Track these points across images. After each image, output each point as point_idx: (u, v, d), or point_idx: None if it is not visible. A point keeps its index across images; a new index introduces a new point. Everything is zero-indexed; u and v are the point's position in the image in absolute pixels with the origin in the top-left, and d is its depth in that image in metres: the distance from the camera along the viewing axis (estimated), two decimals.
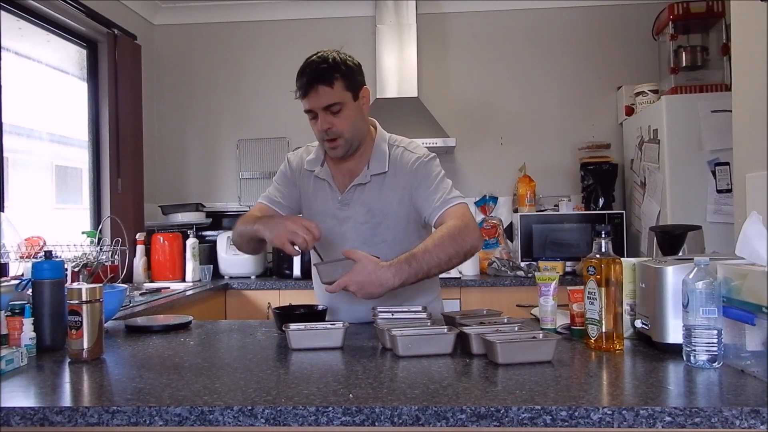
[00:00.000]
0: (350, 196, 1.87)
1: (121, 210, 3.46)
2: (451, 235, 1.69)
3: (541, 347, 1.36)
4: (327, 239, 1.83)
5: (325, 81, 1.72)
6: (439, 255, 1.67)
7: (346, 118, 1.76)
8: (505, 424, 1.05)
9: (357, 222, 1.86)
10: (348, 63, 1.78)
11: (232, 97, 4.21)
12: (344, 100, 1.75)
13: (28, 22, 3.14)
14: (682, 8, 3.31)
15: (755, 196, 1.89)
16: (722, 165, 3.09)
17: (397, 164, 1.86)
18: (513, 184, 3.99)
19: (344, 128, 1.77)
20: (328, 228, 1.85)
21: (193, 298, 3.07)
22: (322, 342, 1.52)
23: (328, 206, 1.89)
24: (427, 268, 1.65)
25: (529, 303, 3.00)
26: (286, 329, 1.54)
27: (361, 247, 1.73)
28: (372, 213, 1.85)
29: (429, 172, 1.84)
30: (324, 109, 1.74)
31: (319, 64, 1.73)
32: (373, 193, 1.85)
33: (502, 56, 4.09)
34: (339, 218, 1.88)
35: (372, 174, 1.85)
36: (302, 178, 1.95)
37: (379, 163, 1.85)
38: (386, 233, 1.85)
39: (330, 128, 1.76)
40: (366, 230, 1.86)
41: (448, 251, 1.68)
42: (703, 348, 1.27)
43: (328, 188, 1.90)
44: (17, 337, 1.49)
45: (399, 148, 1.89)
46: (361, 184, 1.86)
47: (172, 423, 1.08)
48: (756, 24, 1.90)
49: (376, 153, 1.87)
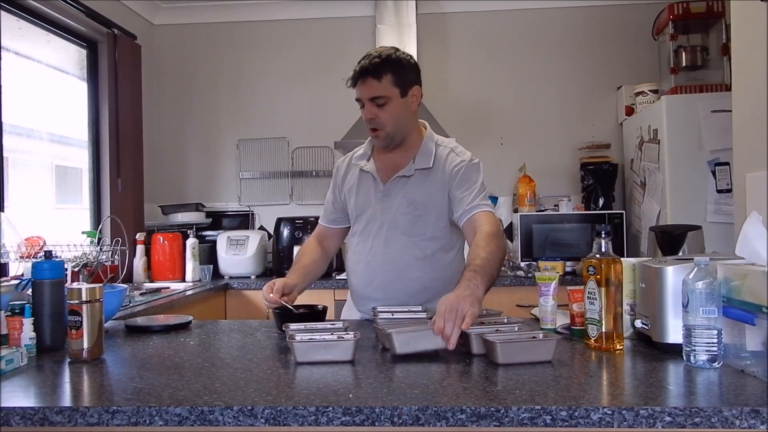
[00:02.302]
0: (392, 187, 1.93)
1: (121, 210, 3.46)
2: (496, 240, 1.73)
3: (541, 347, 1.36)
4: (368, 227, 1.95)
5: (374, 74, 1.81)
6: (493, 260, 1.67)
7: (389, 112, 1.84)
8: (505, 424, 1.05)
9: (399, 213, 1.92)
10: (402, 61, 1.86)
11: (232, 97, 4.21)
12: (391, 95, 1.83)
13: (28, 22, 3.14)
14: (682, 8, 3.31)
15: (755, 196, 1.89)
16: (722, 165, 3.09)
17: (442, 163, 1.92)
18: (513, 184, 3.99)
19: (387, 121, 1.85)
20: (368, 218, 1.95)
21: (193, 298, 3.07)
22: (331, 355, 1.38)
23: (370, 196, 1.96)
24: (490, 275, 1.63)
25: (529, 303, 2.99)
26: (290, 342, 1.40)
27: (399, 237, 1.89)
28: (414, 205, 1.91)
29: (470, 175, 1.90)
30: (370, 100, 1.83)
31: (374, 58, 1.82)
32: (416, 187, 1.91)
33: (502, 56, 4.09)
34: (380, 208, 1.94)
35: (417, 168, 1.91)
36: (349, 174, 2.04)
37: (425, 159, 1.92)
38: (425, 227, 1.91)
39: (373, 118, 1.85)
40: (407, 222, 1.92)
41: (498, 257, 1.71)
42: (703, 348, 1.27)
43: (371, 180, 1.97)
44: (17, 337, 1.49)
45: (446, 149, 1.96)
46: (405, 177, 1.92)
47: (172, 423, 1.08)
48: (756, 24, 1.90)
49: (423, 150, 1.94)
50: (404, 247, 1.90)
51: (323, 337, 1.42)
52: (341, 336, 1.43)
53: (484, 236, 1.74)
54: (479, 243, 1.72)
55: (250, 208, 4.16)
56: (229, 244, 3.67)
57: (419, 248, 1.90)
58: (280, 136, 4.15)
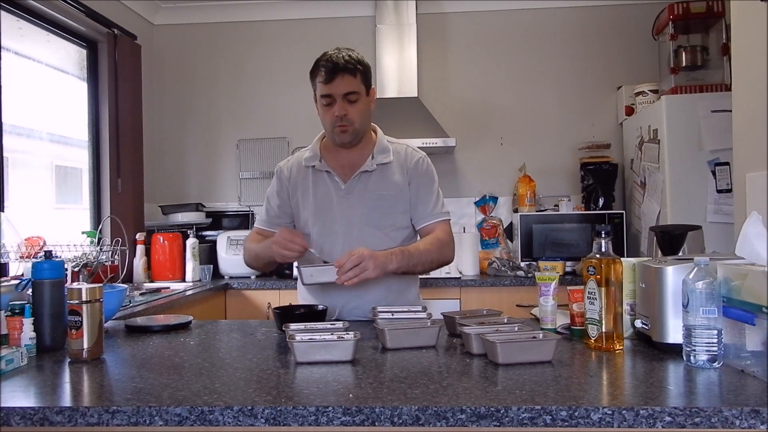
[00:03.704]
0: (354, 184, 1.97)
1: (121, 210, 3.46)
2: (440, 246, 1.95)
3: (541, 347, 1.36)
4: (333, 227, 1.96)
5: (349, 70, 1.87)
6: (427, 257, 1.91)
7: (359, 109, 1.91)
8: (505, 424, 1.05)
9: (367, 207, 1.95)
10: (365, 62, 1.96)
11: (232, 97, 4.21)
12: (361, 92, 1.91)
13: (28, 22, 3.14)
14: (682, 8, 3.31)
15: (755, 196, 1.89)
16: (722, 165, 3.09)
17: (400, 157, 2.01)
18: (513, 184, 3.99)
19: (356, 118, 1.91)
20: (332, 217, 1.96)
21: (193, 298, 3.07)
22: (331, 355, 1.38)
23: (330, 195, 1.97)
24: (414, 264, 1.89)
25: (529, 303, 3.01)
26: (290, 341, 1.39)
27: (372, 231, 1.93)
28: (382, 198, 1.96)
29: (431, 178, 2.01)
30: (343, 96, 1.88)
31: (343, 57, 1.88)
32: (379, 182, 1.98)
33: (502, 56, 4.09)
34: (342, 206, 1.96)
35: (378, 163, 1.97)
36: (299, 177, 2.03)
37: (384, 155, 1.99)
38: (395, 218, 1.98)
39: (345, 115, 1.89)
40: (377, 215, 1.96)
41: (433, 257, 1.93)
42: (703, 348, 1.27)
43: (328, 179, 1.99)
44: (17, 337, 1.49)
45: (401, 145, 2.05)
46: (367, 172, 1.97)
47: (172, 423, 1.08)
48: (756, 24, 1.90)
49: (380, 146, 2.01)
50: (379, 240, 1.93)
51: (323, 337, 1.42)
52: (341, 336, 1.42)
53: (433, 239, 1.95)
54: (426, 239, 1.96)
55: (250, 208, 4.15)
56: (229, 244, 3.67)
57: (391, 238, 1.96)
58: (280, 136, 4.15)
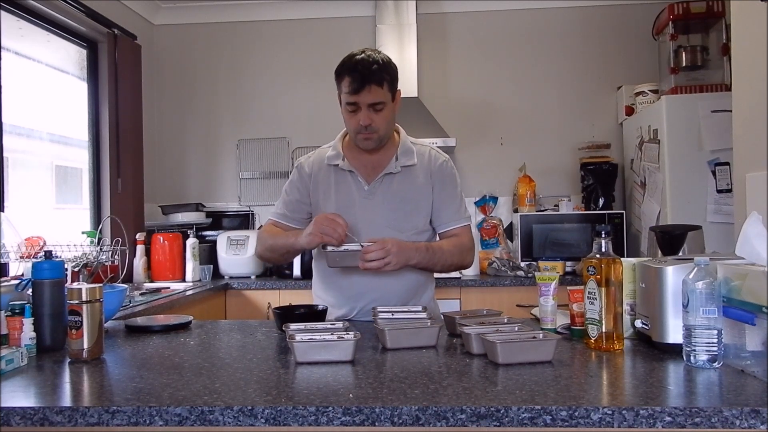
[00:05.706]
0: (378, 185, 1.96)
1: (121, 210, 3.46)
2: (462, 250, 1.96)
3: (541, 347, 1.36)
4: (354, 228, 1.90)
5: (377, 81, 1.83)
6: (449, 259, 1.93)
7: (384, 116, 1.88)
8: (505, 424, 1.05)
9: (389, 209, 1.94)
10: (393, 66, 1.90)
11: (232, 97, 4.21)
12: (387, 100, 1.87)
13: (28, 22, 3.14)
14: (682, 8, 3.31)
15: (755, 196, 1.89)
16: (722, 165, 3.09)
17: (424, 159, 2.00)
18: (513, 184, 3.99)
19: (381, 125, 1.89)
20: (354, 217, 1.92)
21: (193, 298, 3.07)
22: (331, 355, 1.38)
23: (353, 197, 1.96)
24: (435, 262, 1.90)
25: (529, 303, 3.00)
26: (290, 341, 1.39)
27: (393, 234, 1.90)
28: (405, 201, 1.96)
29: (455, 181, 2.01)
30: (369, 105, 1.85)
31: (371, 64, 1.82)
32: (404, 183, 1.96)
33: (502, 56, 4.09)
34: (365, 207, 1.95)
35: (402, 165, 1.96)
36: (320, 175, 2.00)
37: (408, 157, 1.98)
38: (417, 221, 1.97)
39: (370, 124, 1.87)
40: (399, 218, 1.94)
41: (454, 260, 1.95)
42: (703, 348, 1.27)
43: (351, 180, 1.97)
44: (17, 337, 1.49)
45: (425, 147, 2.04)
46: (391, 174, 1.96)
47: (172, 423, 1.08)
48: (756, 24, 1.90)
49: (404, 148, 1.99)
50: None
51: (323, 337, 1.42)
52: (341, 336, 1.42)
53: (457, 242, 1.96)
54: (450, 241, 1.97)
55: (250, 208, 4.16)
56: (229, 244, 3.67)
57: (411, 242, 1.90)
58: (280, 136, 4.15)
